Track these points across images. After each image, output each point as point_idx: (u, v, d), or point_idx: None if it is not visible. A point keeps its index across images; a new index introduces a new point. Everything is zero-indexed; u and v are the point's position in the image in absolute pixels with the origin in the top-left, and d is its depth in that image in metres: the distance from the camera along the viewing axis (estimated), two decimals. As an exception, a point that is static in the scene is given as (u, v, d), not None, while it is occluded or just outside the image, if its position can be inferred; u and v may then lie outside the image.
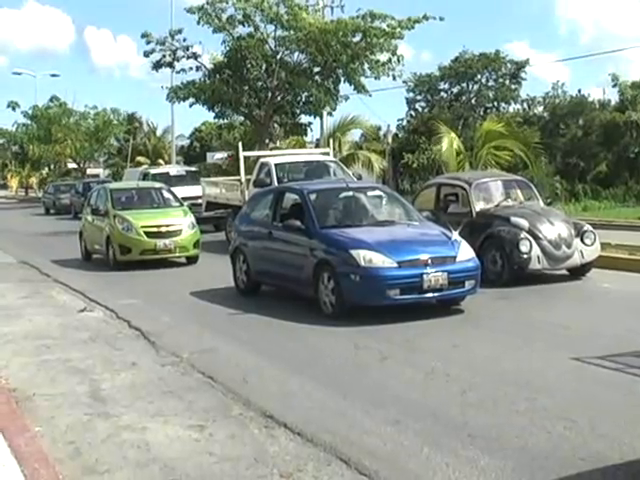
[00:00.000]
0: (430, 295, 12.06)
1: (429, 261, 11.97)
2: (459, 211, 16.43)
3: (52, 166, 79.08)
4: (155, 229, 19.86)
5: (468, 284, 12.32)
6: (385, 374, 9.19)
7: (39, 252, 24.12)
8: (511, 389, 8.32)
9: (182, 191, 25.49)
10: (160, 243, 19.73)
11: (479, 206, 16.32)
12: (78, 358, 10.35)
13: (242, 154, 25.57)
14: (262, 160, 24.32)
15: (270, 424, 7.50)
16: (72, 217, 41.77)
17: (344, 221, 13.52)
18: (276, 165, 23.05)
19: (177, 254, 20.10)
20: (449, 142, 28.65)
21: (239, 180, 25.00)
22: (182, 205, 21.59)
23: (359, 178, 26.56)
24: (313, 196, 13.89)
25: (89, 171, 71.24)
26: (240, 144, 26.50)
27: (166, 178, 29.59)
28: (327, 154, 26.45)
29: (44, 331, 12.24)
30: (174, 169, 35.71)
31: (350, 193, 14.56)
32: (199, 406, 8.11)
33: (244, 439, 7.16)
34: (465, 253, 12.48)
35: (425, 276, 11.81)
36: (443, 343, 10.61)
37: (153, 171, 34.50)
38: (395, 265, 11.82)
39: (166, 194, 22.29)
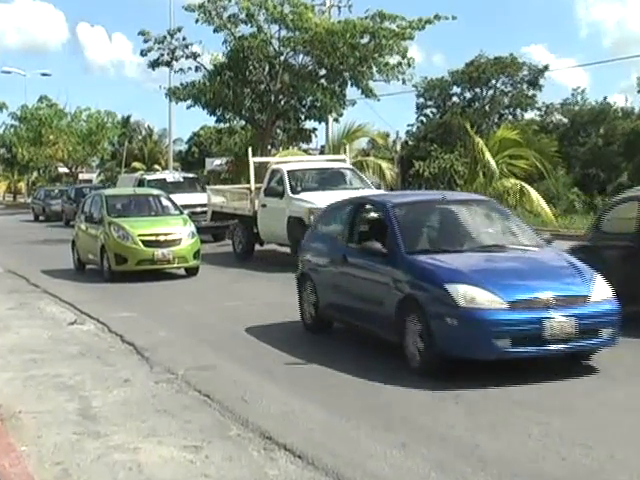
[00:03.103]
0: (554, 347, 9.56)
1: (552, 301, 9.61)
2: None
3: (42, 170, 79.21)
4: (153, 238, 19.67)
5: (605, 333, 9.83)
6: (391, 395, 9.18)
7: (27, 261, 24.15)
8: (523, 412, 8.30)
9: (180, 199, 25.36)
10: (158, 253, 19.52)
11: None
12: (67, 374, 10.34)
13: (252, 160, 25.38)
14: (274, 167, 23.96)
15: (270, 446, 7.49)
16: (63, 224, 41.82)
17: (439, 245, 11.10)
18: (289, 172, 22.62)
19: (176, 265, 19.97)
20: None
21: (248, 188, 24.71)
22: (182, 213, 21.50)
23: (378, 187, 26.32)
24: (399, 211, 11.54)
25: (81, 176, 71.32)
26: (250, 149, 26.38)
27: (162, 185, 29.42)
28: (343, 161, 26.10)
29: (31, 345, 12.22)
30: (171, 175, 35.66)
31: (447, 208, 12.04)
32: (195, 426, 8.11)
33: (242, 461, 7.16)
34: (601, 291, 9.98)
35: (547, 322, 9.42)
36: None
37: (149, 177, 34.51)
38: (506, 306, 9.45)
39: (165, 201, 22.14)
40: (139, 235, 19.60)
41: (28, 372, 10.48)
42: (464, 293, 9.56)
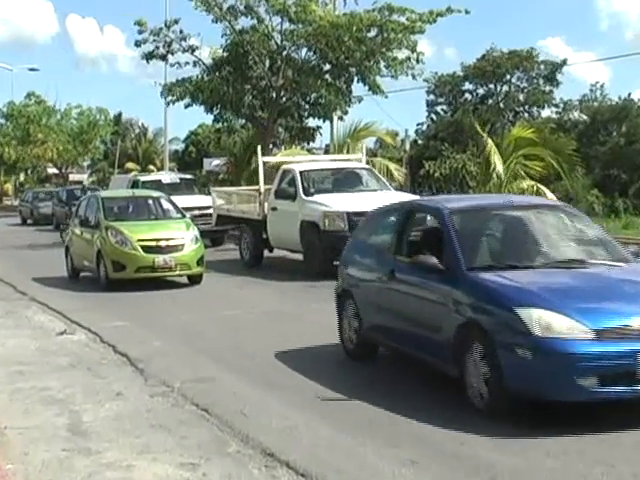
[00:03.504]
0: None
1: None
2: None
3: (30, 171, 79.30)
4: (153, 243, 19.35)
5: None
6: (400, 409, 9.14)
7: (14, 267, 24.19)
8: (540, 428, 8.26)
9: (176, 201, 25.38)
10: (159, 259, 19.18)
11: None
12: (56, 387, 10.32)
13: (261, 159, 25.21)
14: (284, 167, 23.61)
15: (271, 463, 7.47)
16: (54, 228, 41.82)
17: (506, 259, 9.78)
18: (302, 173, 22.19)
19: (178, 272, 19.63)
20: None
21: (257, 190, 24.27)
22: (184, 217, 21.20)
23: (398, 189, 25.82)
24: (458, 219, 10.32)
25: (72, 177, 71.52)
26: (259, 148, 26.29)
27: (158, 186, 29.33)
28: (359, 160, 25.71)
29: (18, 356, 12.20)
30: (167, 176, 35.68)
31: (515, 214, 10.72)
32: (192, 442, 8.09)
33: (242, 479, 7.14)
34: None
35: None
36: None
37: (143, 178, 34.56)
38: (591, 335, 8.20)
39: (166, 204, 21.81)
40: (138, 240, 19.28)
41: (14, 385, 10.46)
42: (539, 318, 8.29)
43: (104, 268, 19.39)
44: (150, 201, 22.01)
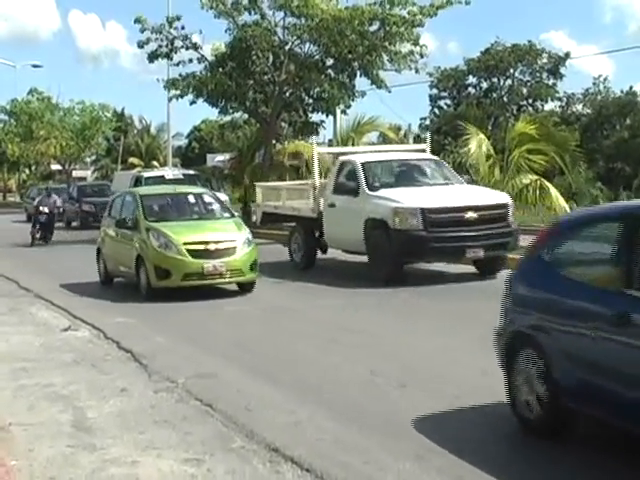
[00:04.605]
0: None
1: None
2: None
3: (33, 167, 79.33)
4: (202, 246, 17.16)
5: None
6: (404, 403, 9.14)
7: (19, 264, 24.17)
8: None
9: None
10: (208, 265, 16.97)
11: None
12: (60, 383, 10.32)
13: (317, 150, 23.22)
14: (343, 158, 21.28)
15: (275, 458, 7.46)
16: (65, 226, 41.70)
17: None
18: (363, 165, 19.83)
19: (228, 279, 17.47)
20: (478, 144, 28.65)
21: (312, 185, 22.23)
22: (233, 216, 19.15)
23: (470, 182, 23.14)
24: None
25: (75, 173, 71.36)
26: (314, 139, 24.34)
27: (161, 182, 29.24)
28: (423, 151, 22.87)
29: (22, 352, 12.21)
30: (170, 172, 35.47)
31: None
32: (196, 437, 8.08)
33: (246, 475, 7.13)
34: None
35: None
36: (471, 371, 10.52)
37: (146, 174, 34.50)
38: None
39: (210, 201, 19.73)
40: (184, 243, 17.12)
41: (18, 382, 10.46)
42: None
43: (145, 275, 17.31)
44: (192, 198, 19.85)
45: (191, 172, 37.88)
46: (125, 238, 18.45)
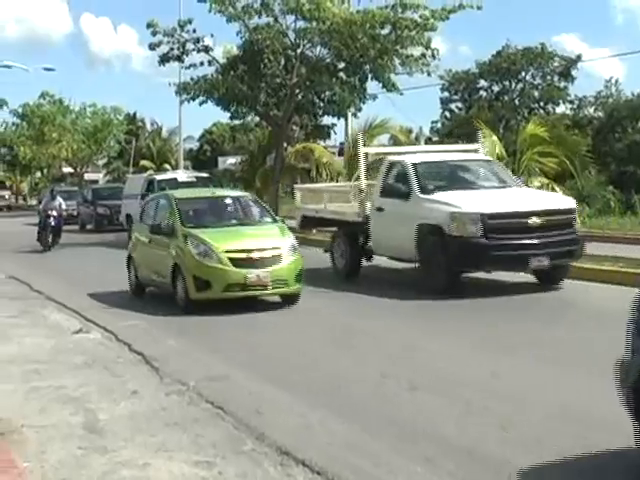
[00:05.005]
0: None
1: None
2: None
3: (45, 170, 79.55)
4: (244, 255, 15.81)
5: None
6: (415, 406, 9.13)
7: (31, 267, 24.25)
8: (558, 424, 8.23)
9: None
10: (252, 275, 15.62)
11: None
12: (72, 385, 10.33)
13: (362, 150, 20.99)
14: (391, 159, 19.88)
15: (286, 461, 7.46)
16: (79, 229, 41.66)
17: None
18: (415, 166, 18.43)
19: (272, 290, 16.01)
20: (491, 146, 28.59)
21: (358, 187, 20.67)
22: (276, 221, 17.66)
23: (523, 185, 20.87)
24: None
25: (87, 176, 71.64)
26: (360, 136, 22.64)
27: (173, 185, 29.10)
28: (476, 151, 21.57)
29: (34, 354, 12.23)
30: (183, 175, 35.43)
31: None
32: (207, 440, 8.08)
33: (257, 478, 7.13)
34: None
35: None
36: (482, 372, 10.52)
37: (159, 177, 34.53)
38: None
39: (251, 205, 18.49)
40: (226, 252, 15.81)
41: (30, 384, 10.48)
42: None
43: (183, 286, 16.05)
44: (231, 202, 18.48)
45: (204, 175, 37.81)
46: (160, 245, 17.21)
